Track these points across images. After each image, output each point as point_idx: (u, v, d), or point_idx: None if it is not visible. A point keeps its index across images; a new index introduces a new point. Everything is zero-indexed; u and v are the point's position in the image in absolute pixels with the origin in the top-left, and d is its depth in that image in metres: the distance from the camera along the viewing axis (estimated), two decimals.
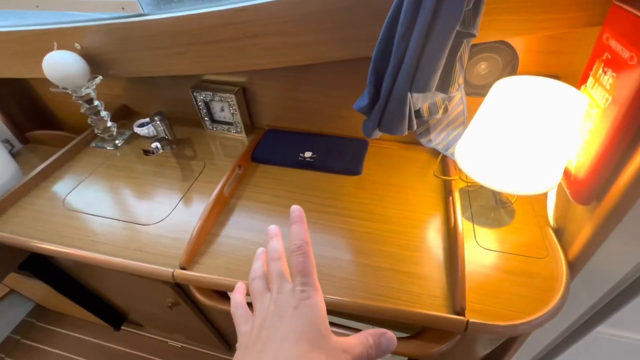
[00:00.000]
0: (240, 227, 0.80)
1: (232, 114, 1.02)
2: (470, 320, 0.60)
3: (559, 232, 0.75)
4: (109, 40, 0.89)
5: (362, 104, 0.65)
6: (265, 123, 1.10)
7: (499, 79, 0.79)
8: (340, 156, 0.97)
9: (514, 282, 0.67)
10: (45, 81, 0.90)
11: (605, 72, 0.54)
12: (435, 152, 0.98)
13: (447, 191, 0.84)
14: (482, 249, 0.73)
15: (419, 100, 0.66)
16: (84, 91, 0.93)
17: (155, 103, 1.17)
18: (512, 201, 0.81)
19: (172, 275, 0.70)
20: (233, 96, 0.97)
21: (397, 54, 0.55)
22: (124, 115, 1.18)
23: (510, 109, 0.60)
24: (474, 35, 0.55)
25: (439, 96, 0.69)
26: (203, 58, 0.85)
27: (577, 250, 0.67)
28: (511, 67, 0.76)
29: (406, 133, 0.68)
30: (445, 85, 0.63)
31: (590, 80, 0.59)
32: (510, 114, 0.60)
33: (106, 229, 0.80)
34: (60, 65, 0.87)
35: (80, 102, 0.95)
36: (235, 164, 0.90)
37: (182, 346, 1.51)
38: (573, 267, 0.69)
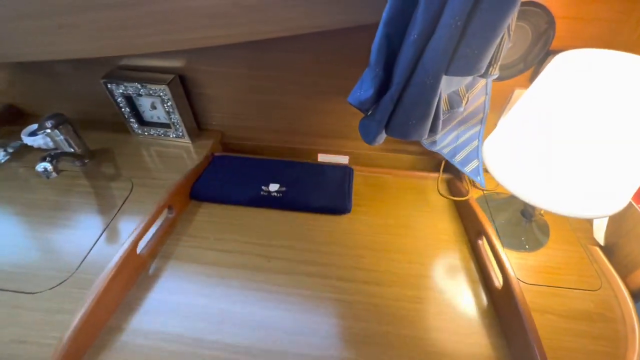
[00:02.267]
0: (165, 311, 0.50)
1: (168, 112, 0.74)
2: None
3: (607, 250, 0.59)
4: None
5: (363, 95, 0.42)
6: (216, 123, 0.83)
7: (526, 55, 0.61)
8: (319, 188, 0.71)
9: (574, 331, 0.50)
10: None
11: None
12: (433, 162, 0.78)
13: (470, 225, 0.63)
14: (522, 283, 0.56)
15: (442, 87, 0.45)
16: None
17: (58, 100, 0.84)
18: (542, 212, 0.65)
19: None
20: (166, 88, 0.69)
21: (427, 12, 0.33)
22: (11, 119, 0.84)
23: (575, 96, 0.41)
24: None
25: (466, 81, 0.49)
26: (108, 32, 0.56)
27: None
28: (545, 39, 0.58)
29: (426, 137, 0.46)
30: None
31: None
32: (575, 103, 0.41)
33: None
34: None
35: None
36: (159, 205, 0.59)
37: None
38: (635, 297, 0.54)
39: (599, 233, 0.60)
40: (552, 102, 0.43)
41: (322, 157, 0.86)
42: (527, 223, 0.62)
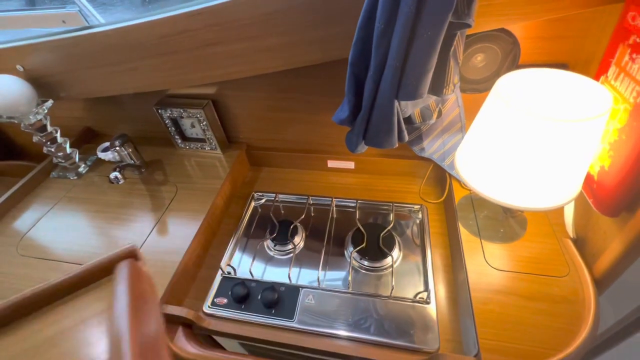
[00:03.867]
0: None
1: (204, 130, 0.92)
2: None
3: (579, 242, 0.65)
4: (54, 59, 0.79)
5: (342, 115, 0.55)
6: (242, 137, 0.99)
7: (498, 71, 0.69)
8: None
9: (535, 309, 0.57)
10: None
11: (634, 60, 0.44)
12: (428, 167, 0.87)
13: None
14: (493, 269, 0.64)
15: (408, 107, 0.56)
16: (33, 118, 0.83)
17: (121, 123, 1.06)
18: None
19: None
20: (202, 111, 0.86)
21: (377, 56, 0.45)
22: (88, 139, 1.08)
23: (516, 109, 0.50)
24: (469, 26, 0.45)
25: (432, 98, 0.59)
26: (160, 72, 0.74)
27: (604, 267, 0.58)
28: (512, 56, 0.66)
29: (397, 145, 0.58)
30: (437, 87, 0.53)
31: (613, 69, 0.49)
32: (516, 115, 0.50)
33: None
34: (1, 92, 0.76)
35: (30, 130, 0.85)
36: None
37: None
38: (600, 284, 0.59)
39: (569, 226, 0.66)
40: (500, 115, 0.52)
41: (331, 163, 0.98)
42: (505, 218, 0.70)
